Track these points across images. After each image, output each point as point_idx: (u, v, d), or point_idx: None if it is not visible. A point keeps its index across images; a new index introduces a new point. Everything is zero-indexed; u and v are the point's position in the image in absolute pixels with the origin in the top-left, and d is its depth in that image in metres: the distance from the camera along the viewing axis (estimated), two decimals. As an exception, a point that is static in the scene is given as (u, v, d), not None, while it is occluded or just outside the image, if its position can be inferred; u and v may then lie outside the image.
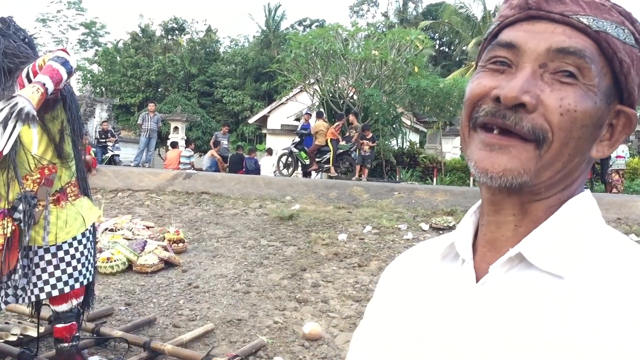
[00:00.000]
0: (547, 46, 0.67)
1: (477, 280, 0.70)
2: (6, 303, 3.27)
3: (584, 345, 0.59)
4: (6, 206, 3.05)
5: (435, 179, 15.32)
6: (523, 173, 0.66)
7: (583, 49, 0.66)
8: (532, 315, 0.63)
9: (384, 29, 25.14)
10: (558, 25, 0.67)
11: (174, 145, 16.46)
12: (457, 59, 35.50)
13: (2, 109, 2.67)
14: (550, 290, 0.64)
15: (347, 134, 13.87)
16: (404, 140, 18.49)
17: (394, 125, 16.76)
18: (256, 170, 15.15)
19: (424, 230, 7.10)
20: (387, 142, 16.76)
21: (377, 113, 15.10)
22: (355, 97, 15.70)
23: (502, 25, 0.72)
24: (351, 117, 14.02)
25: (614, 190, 12.43)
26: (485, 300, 0.67)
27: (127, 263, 6.22)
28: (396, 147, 17.66)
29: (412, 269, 0.83)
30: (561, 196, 0.70)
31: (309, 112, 15.18)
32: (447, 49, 39.70)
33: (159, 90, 32.88)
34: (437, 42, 37.71)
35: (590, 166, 0.73)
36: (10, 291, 3.22)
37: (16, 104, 2.67)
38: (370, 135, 13.32)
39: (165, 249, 6.58)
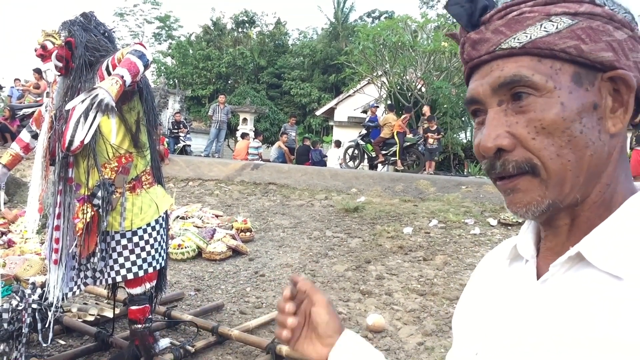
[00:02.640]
0: (490, 87, 0.70)
1: (538, 279, 0.72)
2: (85, 284, 3.44)
3: (636, 347, 0.58)
4: (86, 192, 3.21)
5: (504, 174, 14.90)
6: (541, 200, 0.69)
7: (516, 73, 0.68)
8: (586, 314, 0.63)
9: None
10: (493, 62, 0.70)
11: (244, 136, 16.74)
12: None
13: (84, 100, 2.80)
14: (607, 290, 0.63)
15: (419, 126, 13.67)
16: (472, 134, 18.09)
17: (463, 119, 16.44)
18: (322, 161, 15.22)
19: (492, 226, 6.95)
20: (455, 135, 16.46)
21: (445, 106, 14.87)
22: (423, 89, 15.50)
23: (466, 78, 0.77)
24: (425, 109, 13.83)
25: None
26: (544, 297, 0.69)
27: (197, 250, 6.41)
28: (465, 141, 17.32)
29: (487, 272, 0.88)
30: (601, 186, 0.70)
31: (375, 105, 15.08)
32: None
33: (229, 82, 33.44)
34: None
35: (621, 140, 0.71)
36: (89, 273, 3.39)
37: (97, 95, 2.79)
38: (435, 127, 13.10)
39: (233, 237, 6.73)
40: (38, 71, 13.16)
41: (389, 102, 15.21)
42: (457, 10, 0.72)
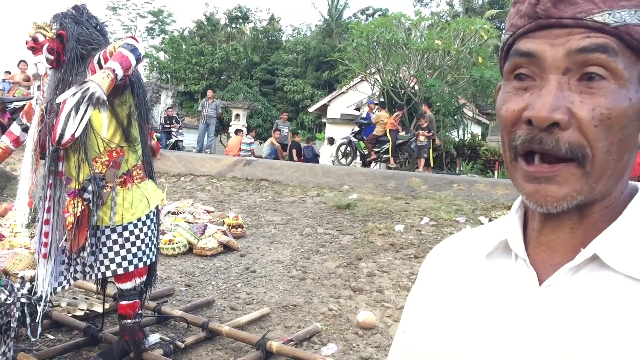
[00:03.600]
0: (567, 50, 0.63)
1: (538, 280, 0.67)
2: (75, 279, 3.43)
3: None
4: (77, 187, 3.19)
5: (496, 172, 14.97)
6: (577, 195, 0.63)
7: (605, 44, 0.61)
8: (611, 322, 0.59)
9: (448, 19, 24.70)
10: (574, 29, 0.63)
11: (237, 132, 16.69)
12: (524, 49, 34.37)
13: (75, 94, 2.78)
14: (631, 295, 0.60)
15: (417, 123, 13.68)
16: (465, 132, 18.14)
17: (455, 117, 16.48)
18: (315, 158, 15.21)
19: (483, 224, 6.96)
20: (447, 133, 16.49)
21: (438, 104, 14.89)
22: (416, 87, 15.51)
23: (515, 36, 0.69)
24: (424, 107, 13.83)
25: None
26: (555, 304, 0.64)
27: (187, 245, 6.40)
28: (457, 139, 17.36)
29: (454, 265, 0.79)
30: (617, 192, 0.67)
31: (373, 102, 15.06)
32: (513, 39, 38.55)
33: (222, 78, 33.35)
34: (503, 32, 36.68)
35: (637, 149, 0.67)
36: (79, 268, 3.37)
37: (88, 88, 2.78)
38: (426, 124, 13.12)
39: (225, 233, 6.72)
40: (25, 62, 13.10)
41: (381, 99, 15.22)
42: None
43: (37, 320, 3.31)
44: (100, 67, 3.10)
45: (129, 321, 3.49)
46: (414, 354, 0.78)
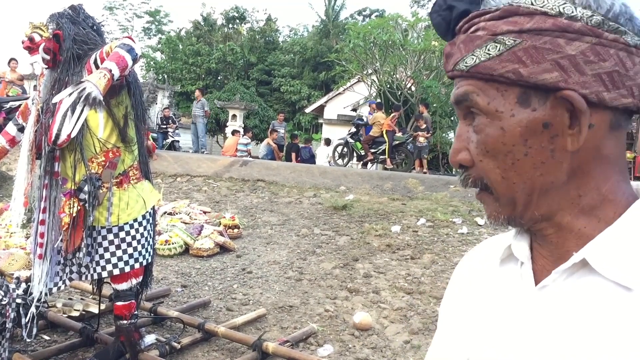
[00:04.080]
0: (454, 102, 0.71)
1: (536, 283, 0.69)
2: (70, 280, 3.42)
3: None
4: (73, 187, 3.18)
5: (492, 174, 14.98)
6: (497, 214, 0.70)
7: (463, 92, 0.68)
8: (592, 324, 0.61)
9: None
10: (455, 79, 0.71)
11: (234, 133, 16.68)
12: (520, 51, 34.48)
13: (71, 94, 2.77)
14: (616, 301, 0.61)
15: (414, 124, 13.70)
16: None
17: (452, 118, 16.50)
18: (312, 159, 15.21)
19: (480, 225, 6.98)
20: (444, 134, 16.52)
21: (435, 105, 14.92)
22: (413, 88, 15.54)
23: None
24: (421, 108, 13.85)
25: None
26: (544, 305, 0.66)
27: (184, 246, 6.39)
28: (453, 140, 17.38)
29: (476, 269, 0.84)
30: (570, 201, 0.67)
31: (375, 102, 15.05)
32: (509, 41, 38.63)
33: (219, 78, 33.33)
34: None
35: (592, 151, 0.65)
36: (74, 268, 3.36)
37: (84, 88, 2.78)
38: (425, 125, 13.12)
39: (221, 234, 6.72)
40: (15, 61, 13.04)
41: (378, 100, 15.23)
42: (437, 20, 0.71)
43: (32, 321, 3.30)
44: (97, 67, 3.09)
45: (125, 322, 3.48)
46: (433, 355, 0.85)
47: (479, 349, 0.72)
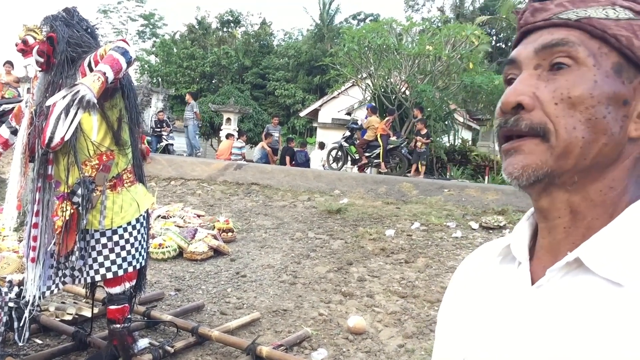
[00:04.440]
0: (534, 48, 0.71)
1: (533, 283, 0.70)
2: (63, 283, 3.40)
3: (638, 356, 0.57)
4: (66, 190, 3.17)
5: (487, 178, 15.03)
6: (541, 164, 0.68)
7: (564, 38, 0.68)
8: (585, 321, 0.62)
9: (439, 24, 24.79)
10: (544, 30, 0.71)
11: (228, 136, 16.68)
12: (514, 55, 34.63)
13: (65, 97, 2.77)
14: (607, 297, 0.62)
15: (409, 127, 13.69)
16: (456, 138, 18.20)
17: (446, 122, 16.52)
18: (306, 163, 15.21)
19: (474, 229, 6.99)
20: (438, 138, 16.54)
21: (429, 109, 14.93)
22: (407, 92, 15.56)
23: (512, 47, 0.78)
24: (416, 112, 13.86)
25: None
26: (539, 303, 0.67)
27: (177, 250, 6.37)
28: (448, 144, 17.41)
29: (474, 272, 0.85)
30: (602, 185, 0.69)
31: (371, 105, 15.05)
32: (503, 45, 38.75)
33: (213, 81, 33.33)
34: (494, 38, 36.83)
35: (638, 149, 0.69)
36: (67, 272, 3.35)
37: (78, 91, 2.77)
38: (425, 131, 13.13)
39: (215, 237, 6.70)
40: (10, 63, 12.98)
41: (372, 104, 15.24)
42: None
43: (24, 325, 3.28)
44: (91, 70, 3.09)
45: (118, 326, 3.47)
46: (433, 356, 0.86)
47: (475, 350, 0.72)
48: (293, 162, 14.98)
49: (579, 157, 0.67)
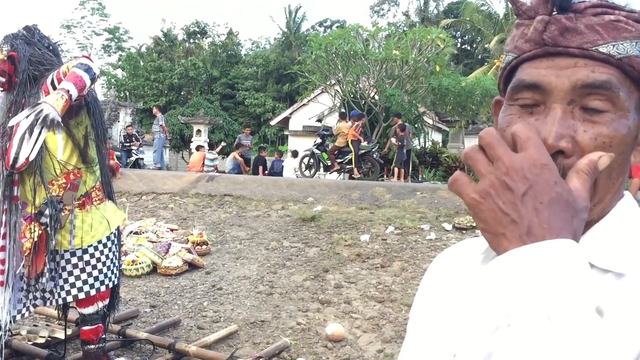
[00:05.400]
0: (573, 83, 0.65)
1: None
2: (34, 306, 3.33)
3: None
4: (33, 211, 3.11)
5: (458, 179, 15.16)
6: None
7: (608, 80, 0.64)
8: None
9: (405, 29, 25.04)
10: (579, 59, 0.66)
11: (199, 148, 16.59)
12: (479, 57, 35.20)
13: (28, 116, 2.72)
14: (610, 287, 0.62)
15: (379, 132, 13.79)
16: (426, 140, 18.39)
17: (416, 125, 16.69)
18: (281, 172, 15.21)
19: (447, 231, 7.06)
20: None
21: (393, 115, 15.08)
22: (376, 97, 15.68)
23: (520, 60, 0.71)
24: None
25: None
26: None
27: (151, 265, 6.29)
28: (418, 147, 17.57)
29: (455, 269, 0.83)
30: (610, 207, 0.70)
31: (341, 112, 15.11)
32: (469, 47, 39.37)
33: (182, 93, 33.14)
34: (459, 40, 37.39)
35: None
36: (38, 294, 3.28)
37: (41, 110, 2.72)
38: (401, 134, 13.28)
39: (189, 251, 6.64)
40: None
41: (342, 110, 15.31)
42: None
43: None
44: (54, 88, 3.04)
45: (93, 346, 3.40)
46: (401, 354, 0.84)
47: (465, 344, 0.70)
48: (266, 172, 14.95)
49: (606, 200, 0.68)
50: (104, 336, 3.48)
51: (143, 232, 7.37)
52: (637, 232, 0.67)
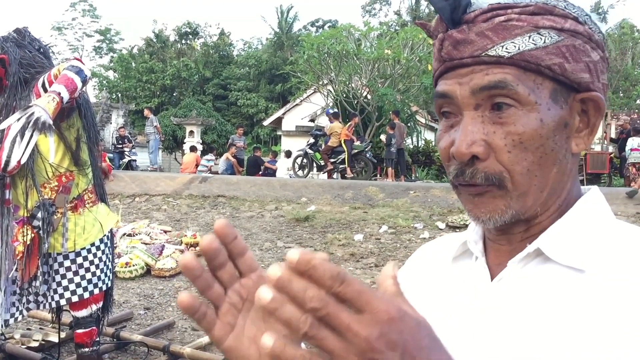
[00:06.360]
0: (472, 88, 0.67)
1: (492, 278, 0.71)
2: (28, 309, 3.31)
3: (611, 338, 0.58)
4: (25, 214, 3.09)
5: (451, 177, 15.20)
6: (505, 209, 0.68)
7: (502, 79, 0.66)
8: (552, 309, 0.63)
9: (397, 28, 25.06)
10: (475, 66, 0.68)
11: (192, 149, 16.55)
12: (471, 55, 35.30)
13: (19, 119, 2.71)
14: (571, 283, 0.64)
15: (371, 131, 13.81)
16: (419, 139, 18.42)
17: (409, 124, 16.72)
18: (274, 172, 15.19)
19: (441, 229, 7.07)
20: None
21: (391, 112, 15.10)
22: (369, 96, 15.69)
23: (435, 78, 0.75)
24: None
25: (633, 184, 12.25)
26: (501, 297, 0.68)
27: (145, 267, 6.28)
28: (411, 146, 17.60)
29: (427, 268, 0.84)
30: (560, 200, 0.70)
31: (329, 111, 15.09)
32: (461, 46, 39.44)
33: (174, 94, 33.07)
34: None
35: (577, 159, 0.72)
36: (31, 298, 3.26)
37: (32, 113, 2.71)
38: (392, 132, 13.28)
39: (183, 252, 6.63)
40: None
41: (335, 110, 15.31)
42: (441, 4, 0.69)
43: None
44: (45, 90, 3.02)
45: (87, 349, 3.39)
46: None
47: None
48: (260, 173, 14.93)
49: (537, 194, 0.68)
50: (98, 339, 3.47)
51: (136, 234, 7.36)
52: (598, 229, 0.68)
